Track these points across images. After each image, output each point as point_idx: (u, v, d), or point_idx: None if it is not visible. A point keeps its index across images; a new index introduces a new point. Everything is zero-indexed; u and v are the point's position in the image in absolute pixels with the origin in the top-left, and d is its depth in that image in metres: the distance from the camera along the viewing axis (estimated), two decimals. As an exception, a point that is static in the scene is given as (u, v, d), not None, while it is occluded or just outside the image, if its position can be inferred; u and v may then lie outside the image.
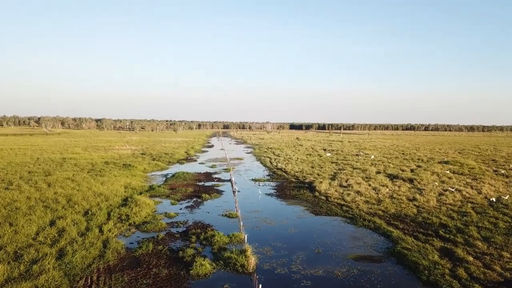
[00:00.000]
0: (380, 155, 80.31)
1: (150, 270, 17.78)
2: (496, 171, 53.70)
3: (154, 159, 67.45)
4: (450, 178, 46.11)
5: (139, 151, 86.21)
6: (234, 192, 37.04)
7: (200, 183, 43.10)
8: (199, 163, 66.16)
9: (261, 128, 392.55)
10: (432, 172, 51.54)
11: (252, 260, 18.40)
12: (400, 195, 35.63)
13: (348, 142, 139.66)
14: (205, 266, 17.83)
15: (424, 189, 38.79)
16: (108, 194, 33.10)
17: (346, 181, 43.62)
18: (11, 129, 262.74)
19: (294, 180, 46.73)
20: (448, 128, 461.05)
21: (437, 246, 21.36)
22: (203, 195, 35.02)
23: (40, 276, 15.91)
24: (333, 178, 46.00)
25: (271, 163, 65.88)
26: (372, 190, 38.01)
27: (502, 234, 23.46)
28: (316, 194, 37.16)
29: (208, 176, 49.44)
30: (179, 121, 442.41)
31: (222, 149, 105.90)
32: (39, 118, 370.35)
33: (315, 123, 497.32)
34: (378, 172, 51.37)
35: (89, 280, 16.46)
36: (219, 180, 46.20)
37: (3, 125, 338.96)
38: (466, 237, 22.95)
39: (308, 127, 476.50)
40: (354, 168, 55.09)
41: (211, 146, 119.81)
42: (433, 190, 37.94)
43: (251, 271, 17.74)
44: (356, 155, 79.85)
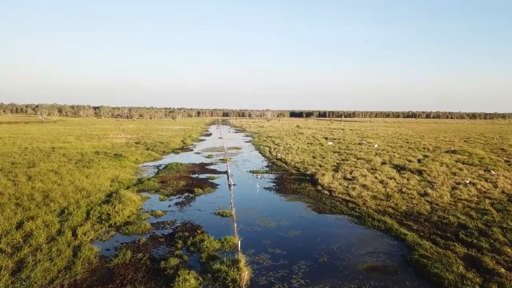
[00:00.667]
0: (384, 143, 77.28)
1: (123, 287, 14.95)
2: (507, 161, 50.72)
3: (148, 149, 64.46)
4: (461, 170, 43.20)
5: (134, 139, 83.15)
6: (229, 186, 34.16)
7: (193, 176, 40.19)
8: (195, 153, 63.17)
9: (261, 116, 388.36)
10: (441, 162, 48.59)
11: (246, 274, 15.56)
12: (410, 189, 32.73)
13: (350, 130, 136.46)
14: (189, 282, 14.99)
15: (435, 182, 35.89)
16: (91, 189, 30.19)
17: (351, 173, 40.71)
18: (7, 116, 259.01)
19: (294, 172, 43.81)
20: (450, 116, 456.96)
21: (460, 253, 18.51)
22: (196, 190, 32.14)
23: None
24: (336, 170, 43.08)
25: (270, 153, 62.90)
26: (379, 184, 35.12)
27: (532, 237, 20.60)
28: (319, 188, 34.26)
29: (203, 167, 46.52)
30: (178, 108, 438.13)
31: (220, 137, 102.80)
32: (36, 106, 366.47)
33: (316, 111, 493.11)
34: (383, 163, 48.43)
35: (48, 302, 13.64)
36: (215, 172, 43.29)
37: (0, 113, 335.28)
38: (491, 241, 20.09)
39: (309, 114, 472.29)
40: (358, 159, 52.14)
41: (209, 135, 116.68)
42: (445, 184, 35.04)
43: (244, 288, 14.93)
44: (359, 143, 76.83)
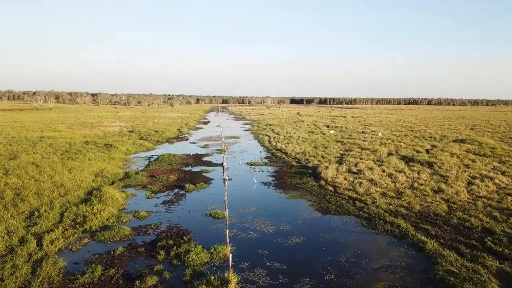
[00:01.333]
0: (388, 132, 74.18)
1: (85, 318, 12.12)
2: (522, 151, 47.72)
3: (141, 138, 61.42)
4: (473, 161, 40.21)
5: (129, 128, 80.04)
6: (224, 180, 31.24)
7: (186, 168, 37.25)
8: (191, 143, 60.13)
9: (261, 103, 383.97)
10: (451, 153, 45.60)
11: (237, 300, 12.73)
12: (422, 185, 29.78)
13: (352, 117, 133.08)
14: (166, 312, 12.16)
15: (448, 176, 32.94)
16: (70, 186, 27.25)
17: (356, 165, 37.75)
18: (3, 104, 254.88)
19: (295, 164, 40.84)
20: (451, 102, 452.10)
21: (492, 268, 15.67)
22: (187, 186, 29.20)
23: None
24: (340, 162, 40.11)
25: (269, 142, 59.85)
26: (388, 178, 32.16)
27: None
28: (322, 183, 31.33)
29: (198, 159, 43.54)
30: (177, 95, 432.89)
31: (218, 125, 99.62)
32: (34, 93, 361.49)
33: (316, 98, 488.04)
34: (390, 154, 45.44)
35: None
36: (210, 164, 40.33)
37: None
38: (525, 251, 17.24)
39: (309, 101, 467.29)
40: (362, 149, 49.13)
41: (207, 123, 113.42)
42: (459, 178, 32.09)
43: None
44: (362, 132, 73.74)
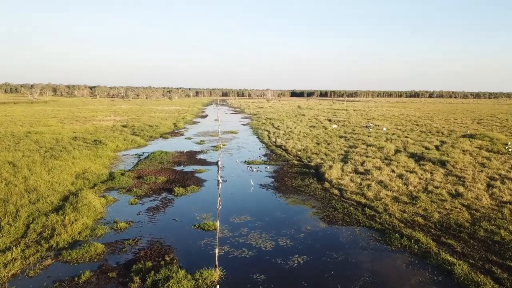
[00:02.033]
0: (393, 126, 71.08)
1: None
2: (538, 148, 44.70)
3: (134, 133, 58.41)
4: (488, 159, 37.24)
5: (123, 122, 76.96)
6: (218, 183, 28.27)
7: (178, 168, 34.30)
8: (186, 138, 57.09)
9: (261, 96, 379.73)
10: (463, 150, 42.62)
11: None
12: (437, 188, 26.82)
13: (354, 110, 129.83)
14: None
15: (464, 177, 29.97)
16: (44, 190, 24.30)
17: (362, 164, 34.81)
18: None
19: (296, 162, 37.86)
20: (453, 95, 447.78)
21: (539, 301, 12.78)
22: (176, 189, 26.25)
23: None
24: (345, 160, 37.14)
25: (269, 138, 56.81)
26: (398, 179, 29.19)
27: None
28: (326, 185, 28.37)
29: (192, 156, 40.56)
30: (176, 88, 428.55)
31: (216, 120, 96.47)
32: (32, 86, 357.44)
33: (317, 91, 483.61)
34: (397, 151, 42.47)
35: None
36: (204, 162, 37.38)
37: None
38: None
39: (310, 94, 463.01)
40: (367, 145, 46.12)
41: (205, 117, 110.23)
42: (477, 179, 29.11)
43: None
44: (366, 126, 70.64)
